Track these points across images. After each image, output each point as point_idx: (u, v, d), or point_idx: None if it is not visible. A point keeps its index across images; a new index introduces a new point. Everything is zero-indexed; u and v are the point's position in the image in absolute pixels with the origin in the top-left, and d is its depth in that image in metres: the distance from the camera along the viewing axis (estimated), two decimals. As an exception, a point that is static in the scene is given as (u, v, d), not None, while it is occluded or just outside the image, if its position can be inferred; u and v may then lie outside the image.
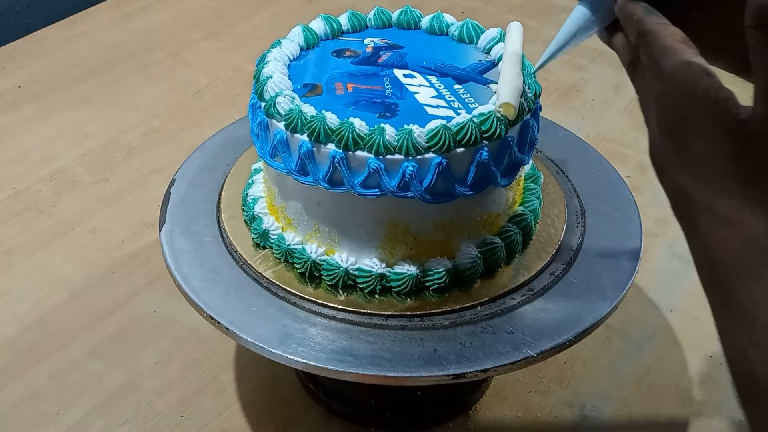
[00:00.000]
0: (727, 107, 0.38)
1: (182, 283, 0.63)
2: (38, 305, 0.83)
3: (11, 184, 0.98)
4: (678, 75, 0.40)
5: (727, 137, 0.38)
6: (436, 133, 0.58)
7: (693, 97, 0.39)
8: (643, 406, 0.74)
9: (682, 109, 0.40)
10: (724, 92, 0.39)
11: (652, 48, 0.42)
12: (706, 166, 0.40)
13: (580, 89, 1.14)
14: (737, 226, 0.39)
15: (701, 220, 0.40)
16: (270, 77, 0.64)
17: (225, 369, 0.77)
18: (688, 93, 0.40)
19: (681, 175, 0.41)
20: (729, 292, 0.39)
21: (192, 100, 1.13)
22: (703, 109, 0.39)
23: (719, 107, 0.39)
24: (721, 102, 0.39)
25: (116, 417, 0.73)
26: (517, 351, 0.58)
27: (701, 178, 0.40)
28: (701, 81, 0.39)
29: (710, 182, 0.40)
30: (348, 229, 0.62)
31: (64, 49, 1.25)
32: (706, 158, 0.39)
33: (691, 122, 0.40)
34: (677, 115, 0.41)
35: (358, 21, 0.72)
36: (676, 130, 0.41)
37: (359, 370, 0.57)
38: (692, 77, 0.40)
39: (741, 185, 0.38)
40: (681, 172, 0.41)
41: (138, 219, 0.93)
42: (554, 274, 0.65)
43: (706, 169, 0.40)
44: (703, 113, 0.39)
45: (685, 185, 0.41)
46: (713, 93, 0.39)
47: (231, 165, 0.75)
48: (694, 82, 0.40)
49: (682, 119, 0.40)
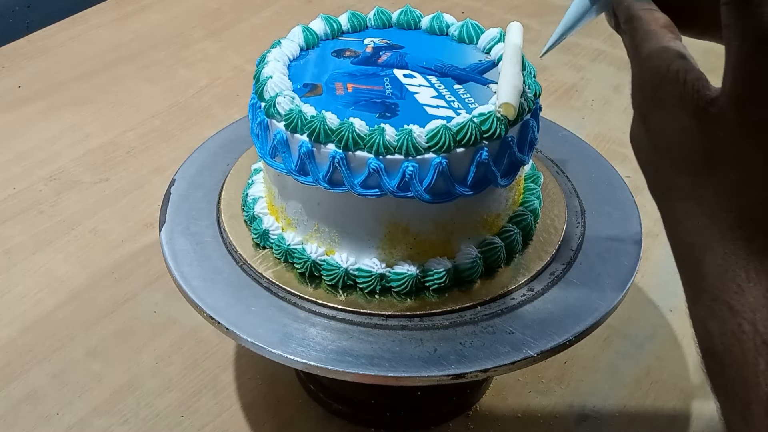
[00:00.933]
0: (696, 87, 0.39)
1: (182, 283, 0.63)
2: (38, 305, 0.83)
3: (11, 184, 0.98)
4: (653, 57, 0.41)
5: (695, 116, 0.39)
6: (436, 133, 0.58)
7: (664, 78, 0.41)
8: (643, 406, 0.74)
9: (653, 90, 0.41)
10: (694, 73, 0.40)
11: (636, 33, 0.43)
12: (675, 144, 0.41)
13: (580, 89, 1.14)
14: (701, 201, 0.40)
15: (670, 196, 0.42)
16: (270, 77, 0.64)
17: (225, 369, 0.77)
18: (661, 74, 0.41)
19: (653, 154, 0.42)
20: (694, 267, 0.40)
21: (192, 100, 1.13)
22: (672, 89, 0.40)
23: (688, 87, 0.40)
24: (690, 82, 0.40)
25: (116, 417, 0.73)
26: (517, 351, 0.58)
27: (670, 155, 0.41)
28: (673, 63, 0.41)
29: (678, 160, 0.41)
30: (348, 229, 0.62)
31: (64, 49, 1.25)
32: (674, 137, 0.41)
33: (661, 102, 0.41)
34: (649, 95, 0.42)
35: (358, 21, 0.72)
36: (649, 110, 0.42)
37: (359, 370, 0.57)
38: (666, 59, 0.41)
39: (705, 162, 0.39)
40: (653, 150, 0.42)
41: (138, 219, 0.93)
42: (554, 274, 0.65)
43: (675, 147, 0.41)
44: (672, 93, 0.40)
45: (657, 163, 0.42)
46: (683, 74, 0.40)
47: (231, 165, 0.75)
48: (667, 63, 0.41)
49: (653, 100, 0.41)
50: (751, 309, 0.37)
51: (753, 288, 0.38)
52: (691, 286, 0.41)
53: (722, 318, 0.38)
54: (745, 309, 0.38)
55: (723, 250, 0.39)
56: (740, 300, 0.38)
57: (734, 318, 0.38)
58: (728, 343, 0.38)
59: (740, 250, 0.38)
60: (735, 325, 0.38)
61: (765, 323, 0.37)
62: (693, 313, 0.41)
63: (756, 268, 0.38)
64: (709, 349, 0.40)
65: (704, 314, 0.40)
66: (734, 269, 0.38)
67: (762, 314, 0.37)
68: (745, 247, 0.38)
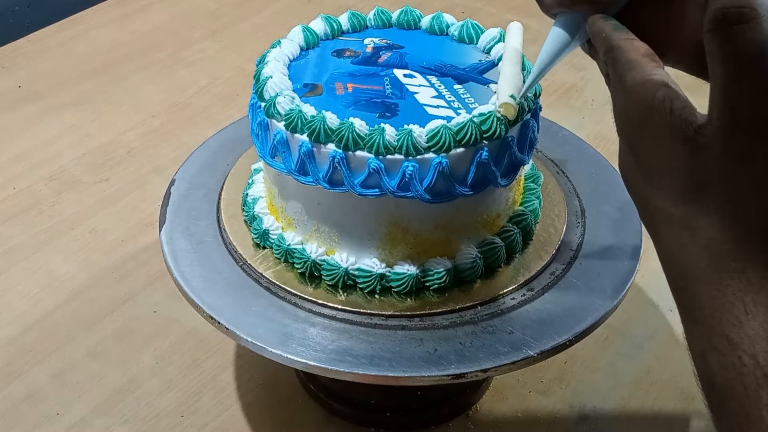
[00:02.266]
0: (683, 116, 0.39)
1: (182, 283, 0.63)
2: (38, 305, 0.83)
3: (11, 184, 0.98)
4: (638, 87, 0.41)
5: (684, 145, 0.39)
6: (436, 133, 0.58)
7: (650, 108, 0.40)
8: (643, 406, 0.74)
9: (640, 120, 0.41)
10: (681, 102, 0.39)
11: (617, 63, 0.43)
12: (665, 174, 0.40)
13: (580, 89, 1.14)
14: (695, 233, 0.39)
15: (663, 227, 0.41)
16: (270, 77, 0.64)
17: (225, 369, 0.77)
18: (647, 103, 0.40)
19: (643, 184, 0.42)
20: (692, 298, 0.40)
21: (192, 100, 1.13)
22: (659, 118, 0.40)
23: (675, 116, 0.39)
24: (677, 111, 0.39)
25: (116, 417, 0.73)
26: (517, 351, 0.58)
27: (661, 186, 0.40)
28: (659, 91, 0.40)
29: (669, 190, 0.40)
30: (348, 229, 0.62)
31: (64, 49, 1.25)
32: (664, 167, 0.40)
33: (649, 132, 0.40)
34: (636, 125, 0.41)
35: (358, 21, 0.72)
36: (637, 140, 0.41)
37: (359, 370, 0.57)
38: (651, 89, 0.40)
39: (696, 192, 0.39)
40: (643, 181, 0.42)
41: (138, 219, 0.93)
42: (554, 274, 0.65)
43: (665, 177, 0.40)
44: (659, 123, 0.40)
45: (648, 194, 0.41)
46: (669, 103, 0.39)
47: (231, 165, 0.75)
48: (653, 92, 0.40)
49: (640, 130, 0.41)
50: (750, 342, 0.37)
51: (751, 320, 0.37)
52: (688, 317, 0.41)
53: (722, 351, 0.38)
54: (744, 342, 0.37)
55: (719, 282, 0.38)
56: (739, 333, 0.37)
57: (734, 351, 0.37)
58: (728, 377, 0.38)
59: (736, 281, 0.38)
60: (735, 358, 0.37)
61: (765, 356, 0.36)
62: (691, 344, 0.41)
63: (754, 300, 0.37)
64: (708, 381, 0.39)
65: (703, 347, 0.39)
66: (731, 301, 0.38)
67: (762, 347, 0.37)
68: (740, 278, 0.38)
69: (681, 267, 0.40)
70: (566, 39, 0.50)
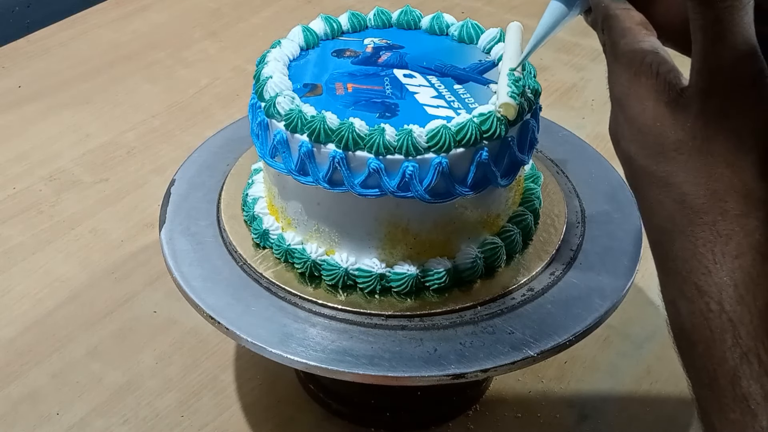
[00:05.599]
0: (668, 79, 0.42)
1: (182, 283, 0.63)
2: (38, 305, 0.83)
3: (11, 184, 0.98)
4: (629, 52, 0.44)
5: (667, 106, 0.42)
6: (436, 133, 0.58)
7: (639, 71, 0.43)
8: (643, 406, 0.74)
9: (629, 83, 0.44)
10: (667, 66, 0.43)
11: (613, 30, 0.46)
12: (648, 133, 0.43)
13: (580, 89, 1.14)
14: (671, 188, 0.42)
15: (644, 184, 0.44)
16: (270, 77, 0.64)
17: (225, 369, 0.77)
18: (636, 67, 0.43)
19: (628, 144, 0.44)
20: (666, 250, 0.42)
21: (192, 100, 1.13)
22: (647, 81, 0.43)
23: (660, 79, 0.42)
24: (663, 74, 0.42)
25: (116, 417, 0.73)
26: (517, 351, 0.58)
27: (644, 145, 0.43)
28: (647, 56, 0.43)
29: (651, 149, 0.43)
30: (348, 229, 0.62)
31: (64, 49, 1.25)
32: (648, 126, 0.43)
33: (635, 94, 0.43)
34: (626, 87, 0.44)
35: (358, 21, 0.72)
36: (625, 101, 0.44)
37: (359, 370, 0.57)
38: (641, 53, 0.43)
39: (675, 150, 0.42)
40: (628, 141, 0.44)
41: (138, 219, 0.93)
42: (554, 274, 0.65)
43: (649, 136, 0.43)
44: (646, 85, 0.43)
45: (632, 153, 0.44)
46: (656, 66, 0.43)
47: (231, 165, 0.75)
48: (641, 57, 0.43)
49: (629, 92, 0.44)
50: (717, 289, 0.40)
51: (719, 269, 0.40)
52: (662, 269, 0.43)
53: (691, 298, 0.40)
54: (712, 289, 0.40)
55: (691, 234, 0.41)
56: (707, 281, 0.40)
57: (702, 298, 0.40)
58: (697, 322, 0.40)
59: (707, 233, 0.40)
60: (703, 304, 0.40)
61: (731, 302, 0.39)
62: (664, 294, 0.43)
63: (722, 251, 0.40)
64: (679, 328, 0.42)
65: (674, 295, 0.42)
66: (702, 252, 0.40)
67: (728, 294, 0.39)
68: (710, 230, 0.40)
69: (658, 221, 0.43)
70: (564, 9, 0.52)
